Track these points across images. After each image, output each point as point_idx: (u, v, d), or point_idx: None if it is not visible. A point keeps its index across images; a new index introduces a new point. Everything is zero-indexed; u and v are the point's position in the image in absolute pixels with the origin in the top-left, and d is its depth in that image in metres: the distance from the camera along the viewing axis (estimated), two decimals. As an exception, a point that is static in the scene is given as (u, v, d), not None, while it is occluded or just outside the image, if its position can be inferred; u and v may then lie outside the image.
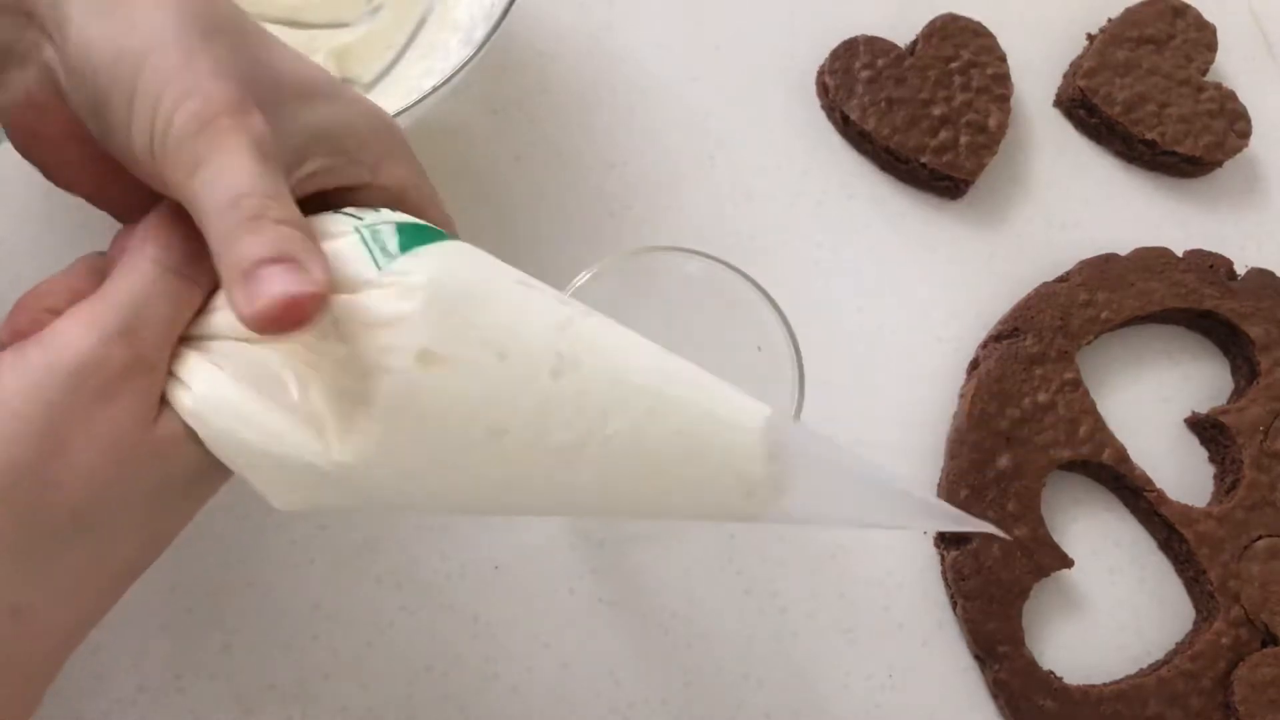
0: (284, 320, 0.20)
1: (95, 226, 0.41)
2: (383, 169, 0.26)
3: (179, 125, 0.22)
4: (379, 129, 0.26)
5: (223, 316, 0.23)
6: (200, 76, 0.22)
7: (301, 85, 0.25)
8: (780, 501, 0.24)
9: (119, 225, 0.27)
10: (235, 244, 0.21)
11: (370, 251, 0.23)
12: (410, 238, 0.23)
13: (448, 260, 0.23)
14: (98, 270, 0.25)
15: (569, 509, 0.24)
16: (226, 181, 0.21)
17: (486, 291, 0.23)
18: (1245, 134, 0.48)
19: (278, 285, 0.20)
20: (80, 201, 0.28)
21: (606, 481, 0.23)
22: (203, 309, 0.24)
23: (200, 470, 0.24)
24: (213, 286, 0.24)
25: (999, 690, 0.38)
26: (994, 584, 0.39)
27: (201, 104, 0.22)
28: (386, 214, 0.25)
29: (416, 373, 0.22)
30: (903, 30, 0.48)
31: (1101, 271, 0.44)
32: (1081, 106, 0.49)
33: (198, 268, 0.23)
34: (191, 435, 0.23)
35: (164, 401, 0.23)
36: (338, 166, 0.25)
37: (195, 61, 0.22)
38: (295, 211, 0.22)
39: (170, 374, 0.23)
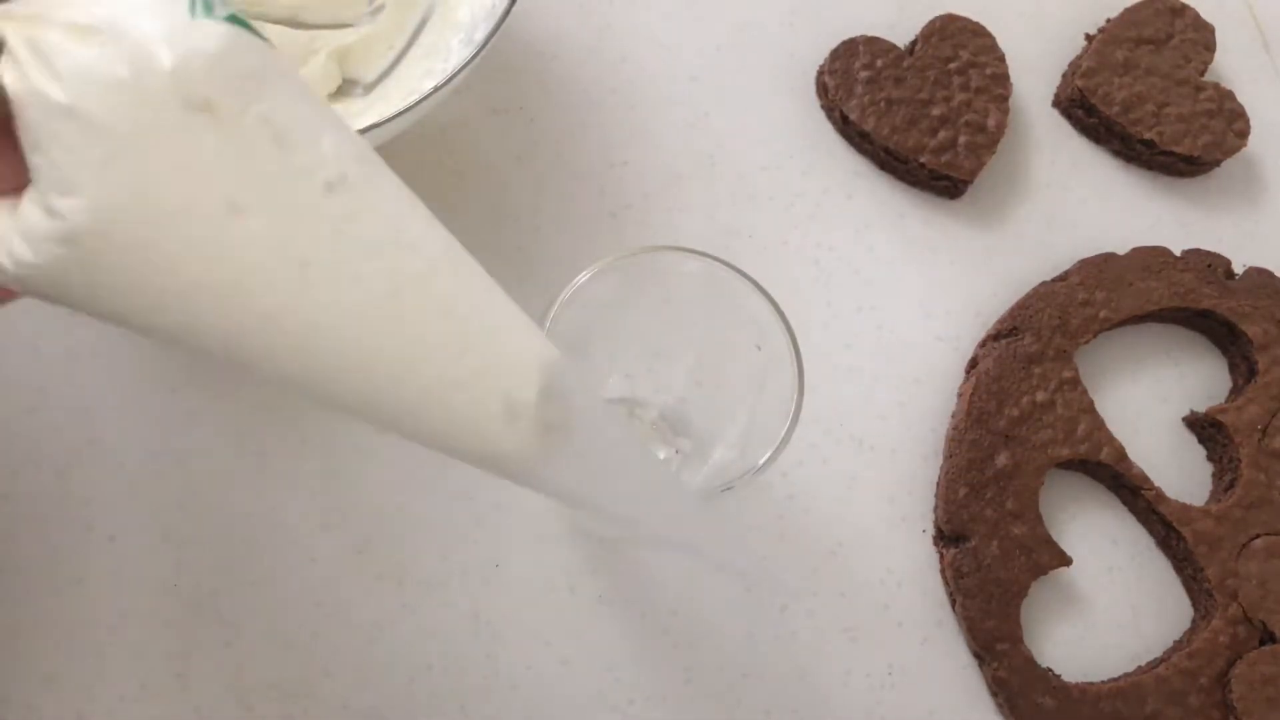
0: None
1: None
2: None
3: None
4: None
5: None
6: None
7: None
8: (543, 451, 0.21)
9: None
10: None
11: None
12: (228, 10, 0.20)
13: (263, 43, 0.20)
14: None
15: (290, 348, 0.20)
16: None
17: (292, 83, 0.20)
18: (1243, 133, 0.48)
19: None
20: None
21: (340, 327, 0.20)
22: None
23: None
24: None
25: (998, 688, 0.39)
26: (993, 582, 0.39)
27: None
28: None
29: (176, 112, 0.18)
30: (902, 30, 0.48)
31: (1100, 271, 0.45)
32: (1080, 106, 0.49)
33: None
34: None
35: None
36: None
37: None
38: None
39: None
